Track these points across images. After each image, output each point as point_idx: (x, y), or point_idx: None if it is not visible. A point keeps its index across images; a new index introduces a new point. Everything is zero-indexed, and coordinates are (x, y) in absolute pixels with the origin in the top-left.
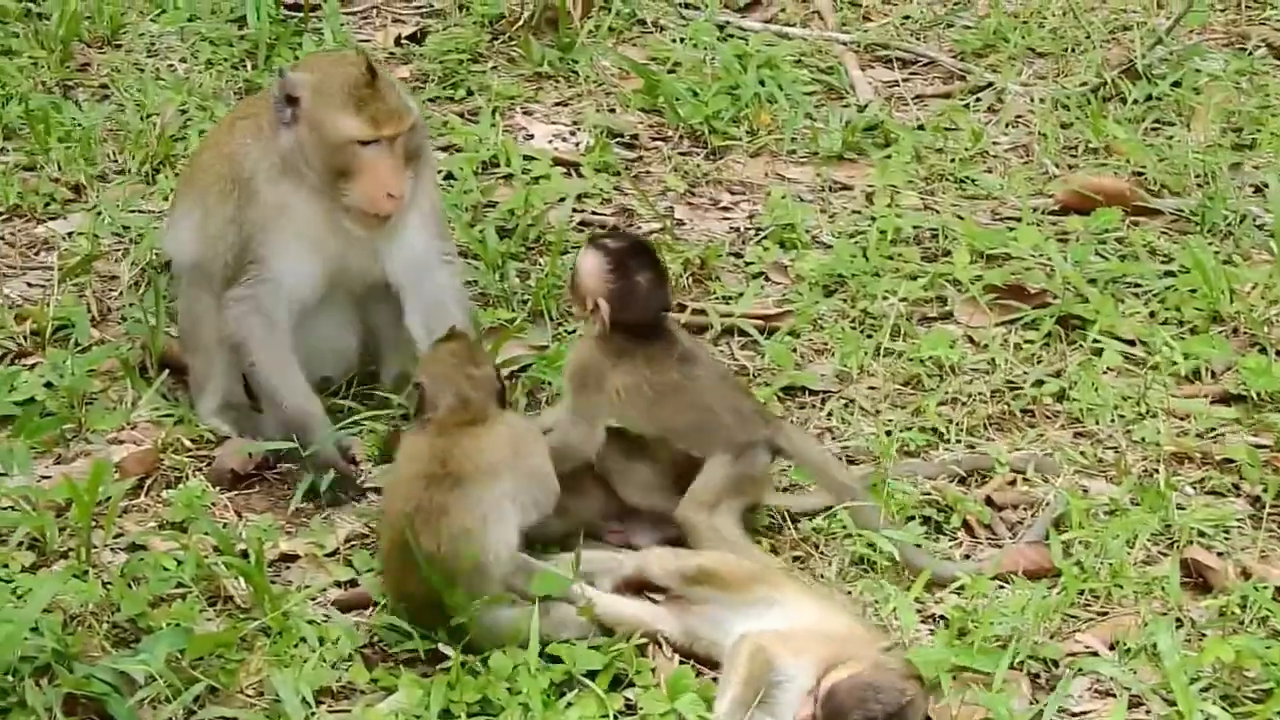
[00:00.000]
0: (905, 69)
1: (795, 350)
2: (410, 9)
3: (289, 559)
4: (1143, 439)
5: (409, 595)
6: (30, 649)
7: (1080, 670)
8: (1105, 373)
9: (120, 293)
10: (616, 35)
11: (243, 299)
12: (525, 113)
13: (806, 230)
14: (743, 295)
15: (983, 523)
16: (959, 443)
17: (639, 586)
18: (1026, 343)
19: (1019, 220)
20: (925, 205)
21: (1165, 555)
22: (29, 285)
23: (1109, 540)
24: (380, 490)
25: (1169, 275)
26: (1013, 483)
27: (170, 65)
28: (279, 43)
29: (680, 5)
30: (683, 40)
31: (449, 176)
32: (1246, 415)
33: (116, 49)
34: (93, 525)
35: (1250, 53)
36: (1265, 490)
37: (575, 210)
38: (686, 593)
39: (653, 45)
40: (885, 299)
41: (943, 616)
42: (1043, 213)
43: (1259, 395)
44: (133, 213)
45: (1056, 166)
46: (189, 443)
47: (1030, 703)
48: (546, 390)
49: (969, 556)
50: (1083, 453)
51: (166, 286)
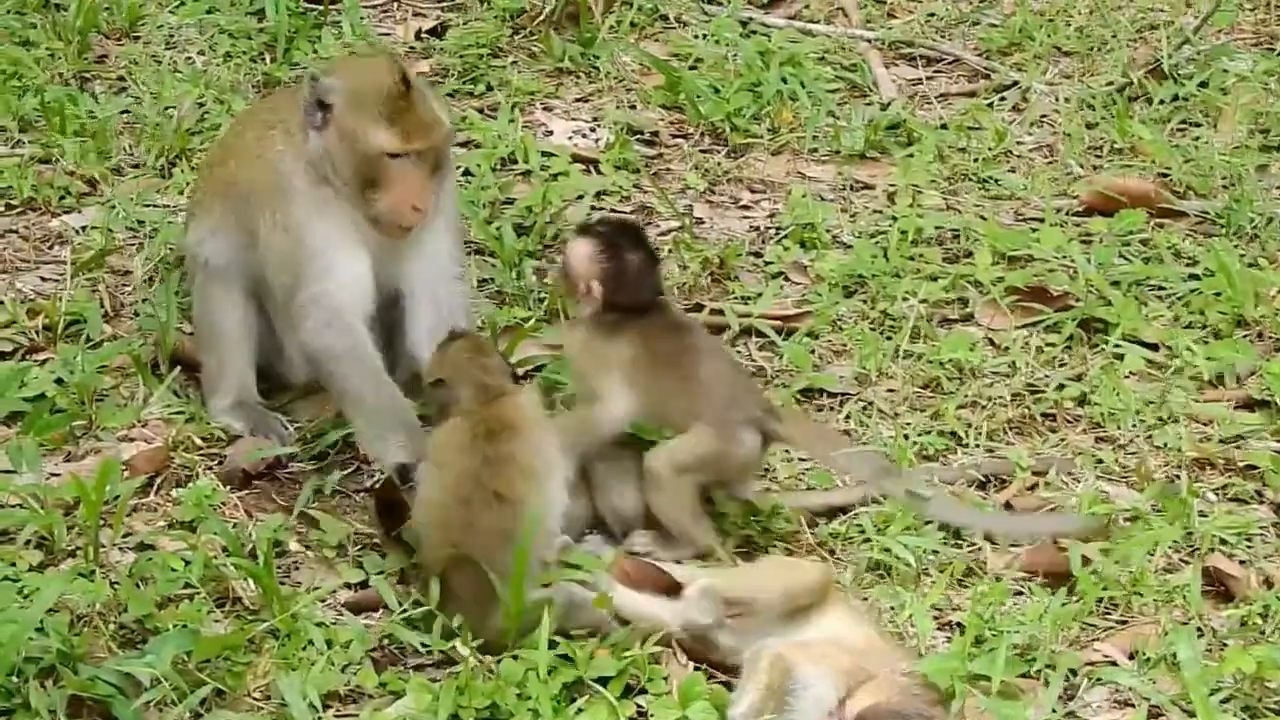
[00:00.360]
0: (929, 67)
1: (814, 352)
2: (431, 3)
3: (299, 560)
4: (1165, 444)
5: (458, 571)
6: (35, 649)
7: (1099, 680)
8: (1127, 377)
9: (133, 288)
10: (638, 31)
11: (318, 299)
12: (545, 108)
13: (827, 230)
14: (761, 295)
15: None
16: (978, 447)
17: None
18: (1048, 345)
19: (1042, 221)
20: (947, 205)
21: (1186, 563)
22: (42, 279)
23: (1129, 547)
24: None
25: (1193, 278)
26: (1033, 488)
27: (188, 58)
28: (298, 36)
29: (703, 1)
30: (705, 36)
31: (466, 173)
32: (1270, 421)
33: (134, 41)
34: (101, 524)
35: (1279, 53)
36: None
37: (594, 208)
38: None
39: (675, 41)
40: (905, 300)
41: (959, 624)
42: (1066, 214)
43: None
44: (147, 207)
45: (1081, 167)
46: (200, 441)
47: (1050, 712)
48: (561, 390)
49: (984, 566)
50: (1102, 459)
51: (179, 282)
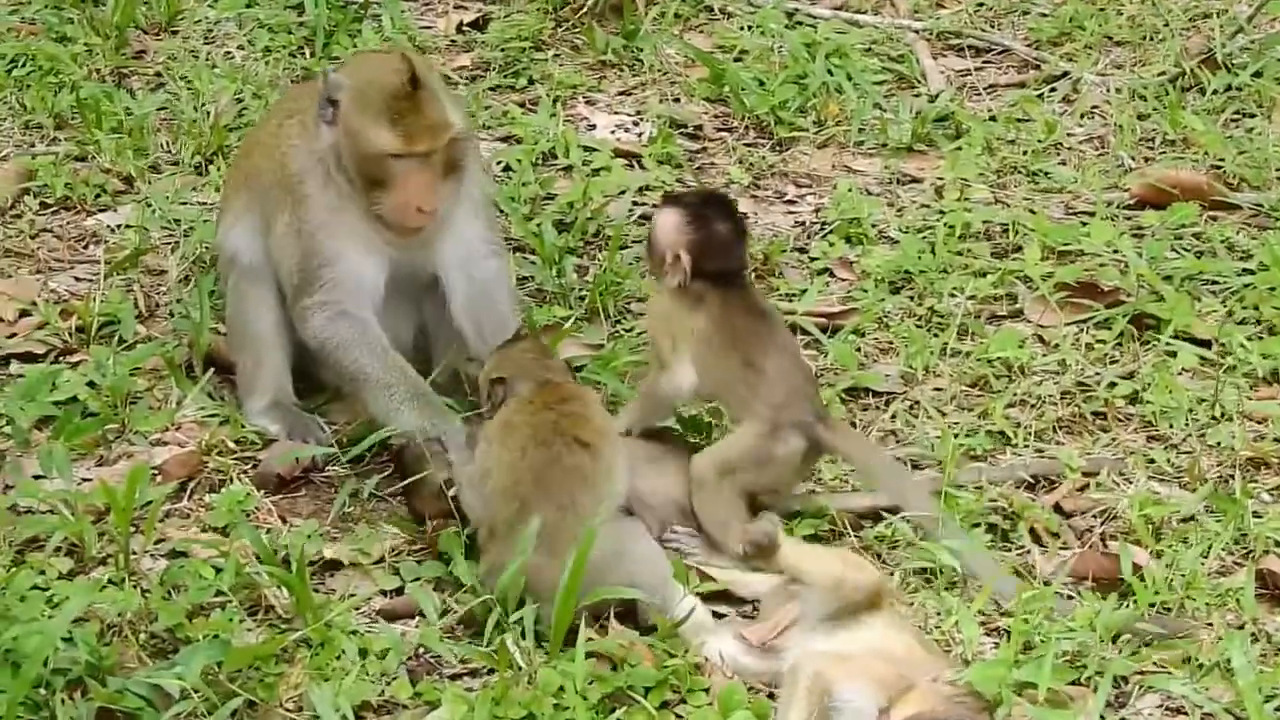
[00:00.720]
0: (978, 57)
1: (859, 350)
2: None
3: (333, 566)
4: (1218, 444)
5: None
6: (63, 661)
7: (1150, 687)
8: (1179, 374)
9: (168, 288)
10: (682, 22)
11: (324, 305)
12: (588, 102)
13: (873, 225)
14: (806, 292)
15: (1051, 531)
16: (1027, 446)
17: None
18: (1098, 343)
19: (1092, 215)
20: (996, 199)
21: (1240, 566)
22: (76, 279)
23: (1181, 550)
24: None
25: (1247, 273)
26: (1083, 489)
27: (227, 52)
28: (338, 30)
29: None
30: (750, 28)
31: (506, 169)
32: None
33: (173, 35)
34: (133, 530)
35: None
36: None
37: (636, 203)
38: None
39: (719, 33)
40: (953, 297)
41: (1007, 630)
42: (1117, 207)
43: None
44: (183, 205)
45: (1132, 159)
46: (233, 444)
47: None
48: (601, 391)
49: (1033, 570)
50: (1154, 459)
51: (214, 282)
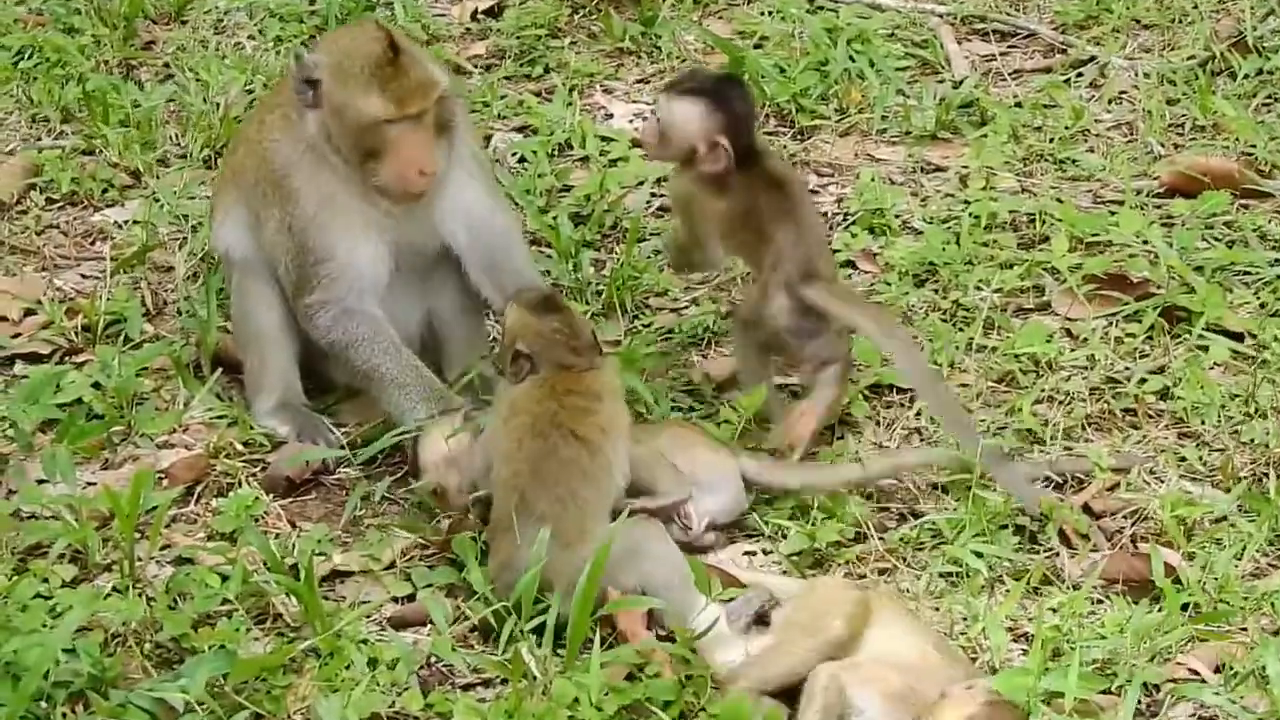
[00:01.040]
0: (1003, 42)
1: None
2: None
3: (343, 572)
4: (1252, 441)
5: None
6: (65, 673)
7: (1182, 696)
8: (1211, 369)
9: (176, 285)
10: (701, 8)
11: (325, 304)
12: (605, 90)
13: (896, 215)
14: None
15: (1080, 532)
16: (1054, 442)
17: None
18: (1128, 336)
19: (1121, 204)
20: (1022, 188)
21: (1275, 568)
22: (83, 277)
23: (1214, 552)
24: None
25: None
26: (1113, 488)
27: (237, 43)
28: (349, 18)
29: None
30: (770, 13)
31: (522, 160)
32: None
33: (182, 25)
34: (138, 536)
35: None
36: None
37: (654, 194)
38: None
39: (739, 19)
40: (978, 290)
41: (1035, 634)
42: (1146, 195)
43: None
44: (192, 200)
45: (1161, 146)
46: (241, 446)
47: None
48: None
49: (1061, 573)
50: (1185, 457)
51: (223, 280)
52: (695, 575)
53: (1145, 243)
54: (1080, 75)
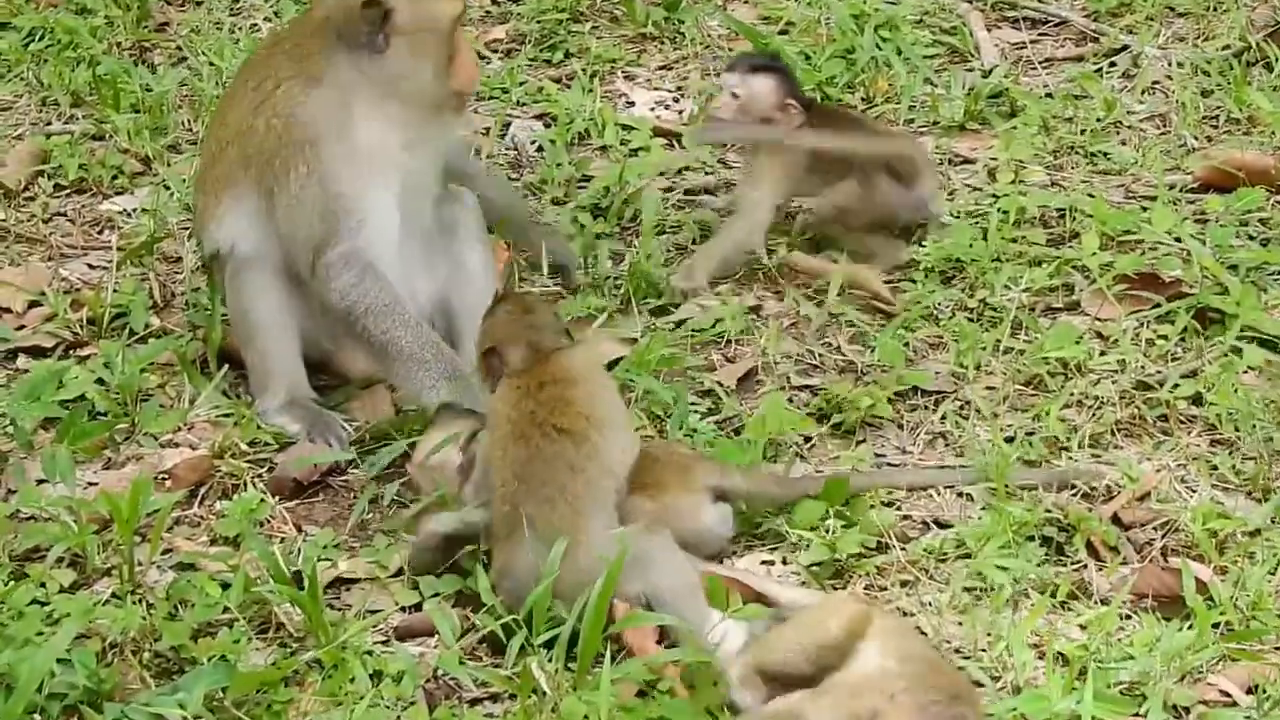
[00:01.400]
0: (1034, 29)
1: (907, 344)
2: None
3: (349, 580)
4: None
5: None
6: (60, 685)
7: None
8: (1245, 373)
9: (184, 277)
10: None
11: (349, 257)
12: (626, 77)
13: None
14: None
15: (1109, 545)
16: (1082, 450)
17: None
18: (1160, 338)
19: (1153, 199)
20: (1052, 182)
21: None
22: (89, 267)
23: (1248, 567)
24: None
25: None
26: (1142, 498)
27: (253, 24)
28: None
29: None
30: None
31: (539, 149)
32: None
33: (198, 6)
34: (139, 540)
35: None
36: None
37: (674, 184)
38: None
39: (764, 4)
40: (1007, 289)
41: (1061, 654)
42: (1180, 190)
43: None
44: None
45: (1195, 139)
46: (246, 446)
47: None
48: (633, 389)
49: (1089, 588)
50: (1217, 466)
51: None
52: (711, 588)
53: (1178, 240)
54: (1113, 65)
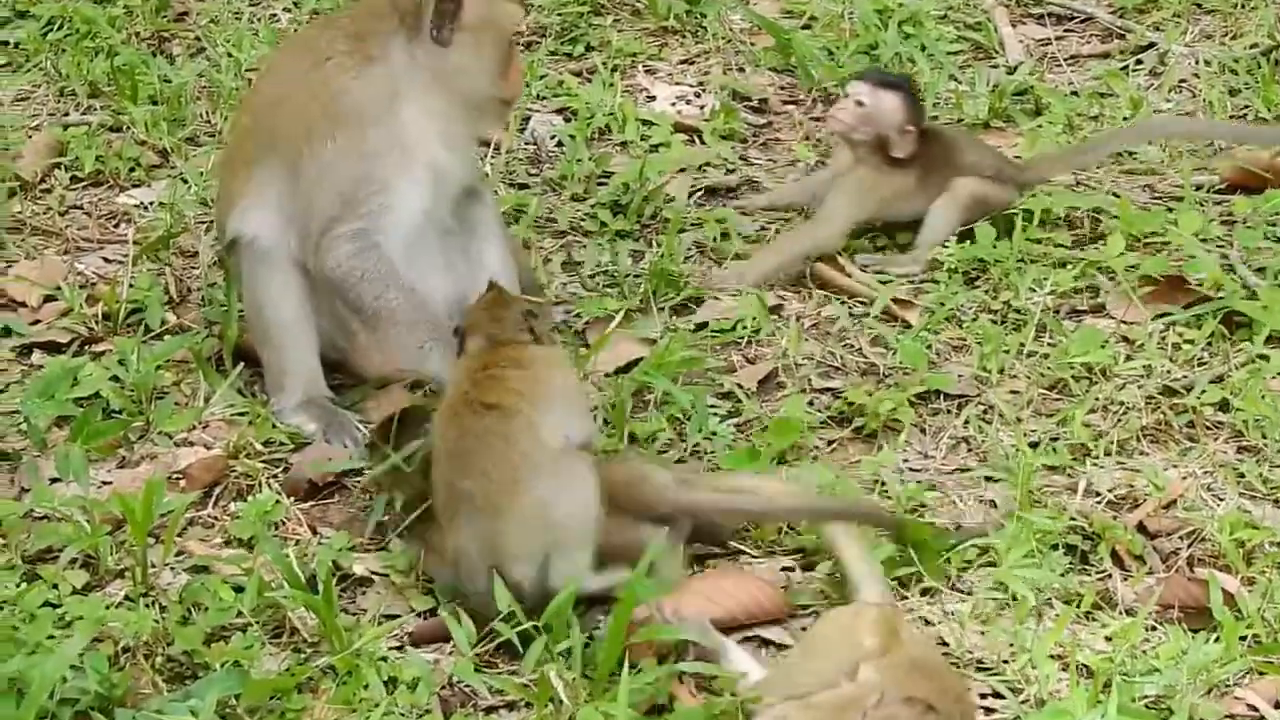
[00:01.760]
0: (1060, 25)
1: (930, 347)
2: None
3: (364, 582)
4: None
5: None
6: (72, 690)
7: None
8: (1273, 379)
9: (201, 272)
10: None
11: (359, 234)
12: (647, 71)
13: None
14: (888, 283)
15: (1134, 554)
16: (1108, 456)
17: None
18: (1186, 343)
19: (1180, 200)
20: (1078, 181)
21: None
22: (105, 261)
23: (1276, 577)
24: None
25: None
26: (1168, 506)
27: (272, 15)
28: None
29: None
30: None
31: (560, 144)
32: None
33: None
34: (151, 543)
35: None
36: None
37: (695, 181)
38: None
39: None
40: (1031, 291)
41: (1085, 666)
42: (1207, 191)
43: None
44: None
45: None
46: (261, 446)
47: None
48: (652, 393)
49: (1114, 598)
50: (1244, 474)
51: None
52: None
53: (1205, 243)
54: (1139, 63)
